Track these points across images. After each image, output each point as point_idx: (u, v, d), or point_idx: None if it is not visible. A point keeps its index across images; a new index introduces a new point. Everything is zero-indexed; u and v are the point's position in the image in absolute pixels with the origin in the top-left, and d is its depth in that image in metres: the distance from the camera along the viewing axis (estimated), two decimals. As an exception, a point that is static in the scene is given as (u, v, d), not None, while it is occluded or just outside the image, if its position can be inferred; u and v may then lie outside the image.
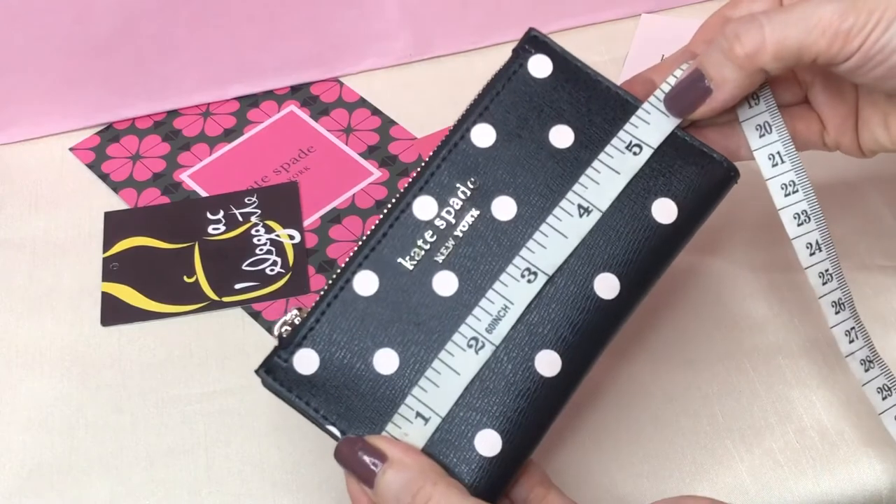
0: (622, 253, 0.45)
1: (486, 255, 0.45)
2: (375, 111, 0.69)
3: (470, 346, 0.43)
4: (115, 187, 0.65)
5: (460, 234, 0.45)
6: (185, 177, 0.66)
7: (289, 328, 0.44)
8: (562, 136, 0.46)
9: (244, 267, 0.61)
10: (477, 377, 0.43)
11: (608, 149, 0.46)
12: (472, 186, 0.46)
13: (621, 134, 0.46)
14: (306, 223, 0.63)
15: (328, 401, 0.44)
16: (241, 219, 0.63)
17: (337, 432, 0.43)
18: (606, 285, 0.44)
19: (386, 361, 0.44)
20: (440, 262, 0.45)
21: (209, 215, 0.63)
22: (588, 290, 0.44)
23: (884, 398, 0.47)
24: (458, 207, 0.45)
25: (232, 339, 0.58)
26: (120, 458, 0.53)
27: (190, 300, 0.59)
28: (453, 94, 0.70)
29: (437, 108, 0.69)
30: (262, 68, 0.69)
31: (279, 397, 0.45)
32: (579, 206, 0.45)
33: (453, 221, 0.45)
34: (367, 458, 0.41)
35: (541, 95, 0.47)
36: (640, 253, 0.45)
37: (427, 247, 0.45)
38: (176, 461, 0.53)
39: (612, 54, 0.70)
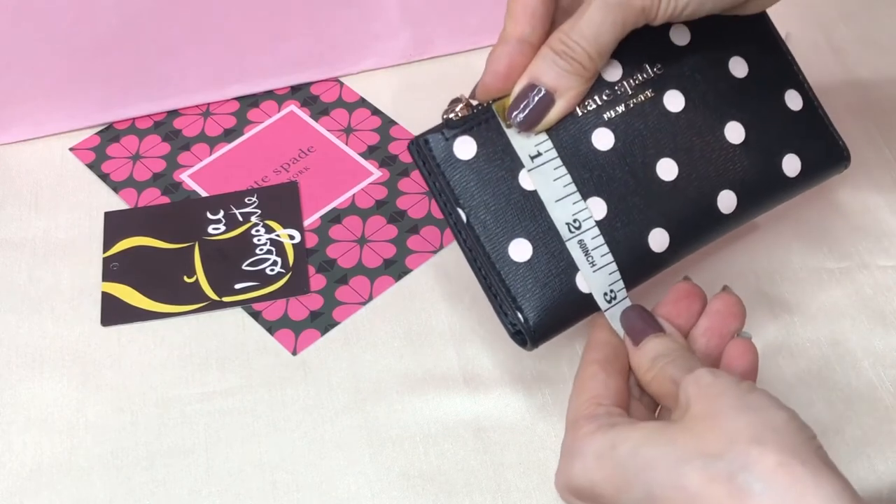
0: (749, 180, 0.52)
1: (643, 132, 0.50)
2: (375, 111, 0.69)
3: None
4: (115, 187, 0.65)
5: (631, 105, 0.50)
6: (185, 177, 0.66)
7: (458, 115, 0.49)
8: (740, 67, 0.52)
9: (244, 267, 0.61)
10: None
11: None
12: (657, 71, 0.51)
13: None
14: (306, 223, 0.63)
15: (468, 187, 0.48)
16: (241, 219, 0.63)
17: (464, 216, 0.48)
18: (726, 201, 0.51)
19: (527, 182, 0.48)
20: (605, 119, 0.49)
21: (209, 215, 0.63)
22: (711, 201, 0.51)
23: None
24: (638, 82, 0.50)
25: (232, 339, 0.58)
26: (120, 458, 0.53)
27: (190, 300, 0.59)
28: (453, 94, 0.70)
29: (437, 108, 0.68)
30: (262, 68, 0.69)
31: (423, 169, 0.49)
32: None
33: (630, 92, 0.50)
34: (645, 323, 0.47)
35: (736, 30, 0.53)
36: (762, 188, 0.52)
37: (599, 103, 0.49)
38: (176, 461, 0.53)
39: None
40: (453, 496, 0.52)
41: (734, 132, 0.51)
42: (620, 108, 0.50)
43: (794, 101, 0.54)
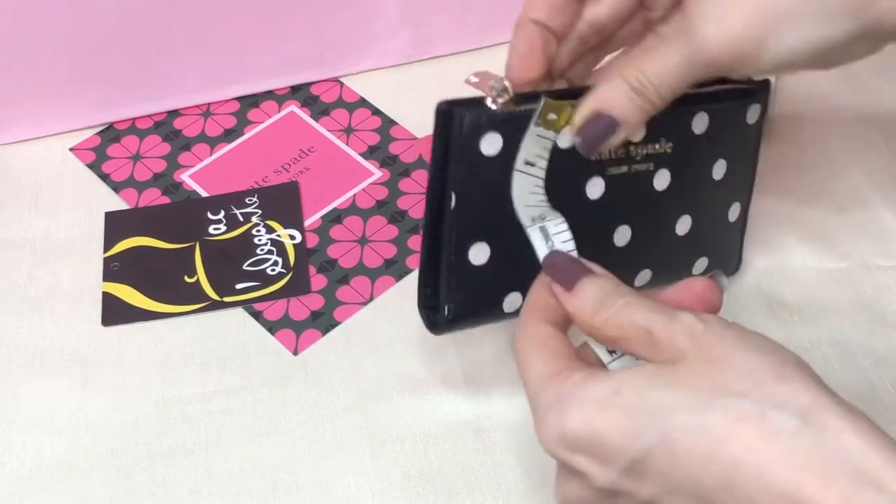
0: (668, 268, 0.53)
1: (626, 197, 0.50)
2: (376, 111, 0.69)
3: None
4: (116, 187, 0.65)
5: (632, 170, 0.50)
6: (185, 177, 0.66)
7: (500, 107, 0.46)
8: (720, 170, 0.53)
9: (245, 267, 0.61)
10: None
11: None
12: (667, 149, 0.50)
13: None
14: (307, 223, 0.63)
15: (471, 179, 0.47)
16: (241, 219, 0.63)
17: (453, 202, 0.47)
18: (642, 277, 0.52)
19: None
20: (607, 173, 0.49)
21: (210, 215, 0.63)
22: (635, 273, 0.52)
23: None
24: (648, 153, 0.50)
25: (233, 339, 0.58)
26: (120, 458, 0.53)
27: (191, 300, 0.59)
28: (453, 94, 0.70)
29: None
30: (262, 68, 0.69)
31: (440, 137, 0.47)
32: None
33: (638, 159, 0.50)
34: (574, 268, 0.44)
35: (740, 133, 0.54)
36: (672, 277, 0.50)
37: (612, 156, 0.49)
38: (176, 461, 0.53)
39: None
40: (453, 496, 0.52)
41: (684, 225, 0.52)
42: (623, 169, 0.49)
43: (734, 213, 0.55)
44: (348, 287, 0.60)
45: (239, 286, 0.60)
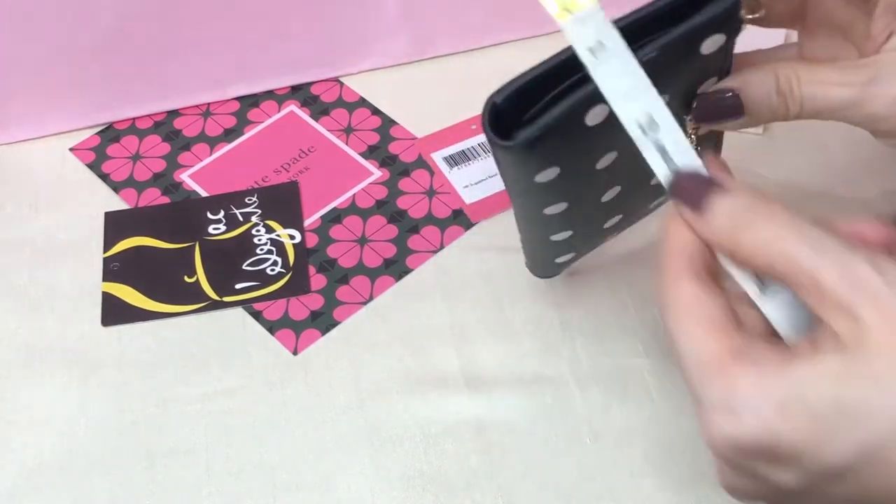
0: None
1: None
2: (375, 111, 0.69)
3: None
4: (116, 187, 0.65)
5: None
6: (185, 177, 0.66)
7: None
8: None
9: (245, 267, 0.61)
10: None
11: None
12: None
13: None
14: (307, 223, 0.63)
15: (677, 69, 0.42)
16: (241, 219, 0.63)
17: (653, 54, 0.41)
18: None
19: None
20: None
21: (209, 215, 0.63)
22: None
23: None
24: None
25: (233, 339, 0.58)
26: (120, 458, 0.53)
27: (190, 300, 0.59)
28: (453, 94, 0.70)
29: (437, 108, 0.69)
30: (262, 68, 0.69)
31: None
32: None
33: None
34: (701, 186, 0.38)
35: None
36: None
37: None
38: (176, 461, 0.53)
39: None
40: (453, 496, 0.52)
41: None
42: None
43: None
44: (348, 287, 0.60)
45: (239, 286, 0.60)
